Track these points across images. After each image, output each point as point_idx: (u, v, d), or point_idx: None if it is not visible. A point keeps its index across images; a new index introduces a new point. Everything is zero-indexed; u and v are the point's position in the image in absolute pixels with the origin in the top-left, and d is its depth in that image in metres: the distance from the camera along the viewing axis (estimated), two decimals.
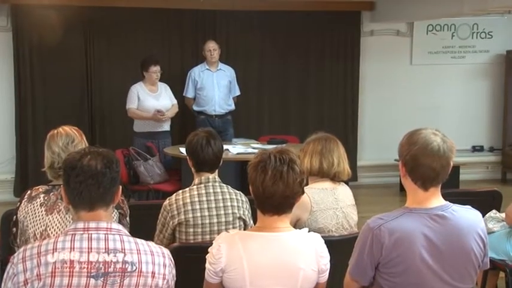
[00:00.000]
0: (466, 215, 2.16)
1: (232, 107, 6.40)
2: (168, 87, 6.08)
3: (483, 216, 2.35)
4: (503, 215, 3.32)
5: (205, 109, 6.25)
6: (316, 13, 7.01)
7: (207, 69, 6.26)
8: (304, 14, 7.00)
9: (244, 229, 2.83)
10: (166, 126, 6.00)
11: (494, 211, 3.43)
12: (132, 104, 5.87)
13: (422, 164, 2.09)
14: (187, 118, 6.53)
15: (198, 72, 6.28)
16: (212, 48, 6.15)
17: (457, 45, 7.63)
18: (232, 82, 6.39)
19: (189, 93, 6.32)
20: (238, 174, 5.05)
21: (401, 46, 7.54)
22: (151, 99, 5.89)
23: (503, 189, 3.98)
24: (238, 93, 6.46)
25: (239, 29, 6.87)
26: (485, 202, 3.42)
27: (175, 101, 6.06)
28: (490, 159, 7.77)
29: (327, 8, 6.96)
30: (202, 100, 6.26)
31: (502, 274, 3.35)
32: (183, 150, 5.19)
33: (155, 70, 5.87)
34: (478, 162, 7.69)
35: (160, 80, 6.03)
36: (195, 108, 6.32)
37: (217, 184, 2.90)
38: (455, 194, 3.12)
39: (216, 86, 6.24)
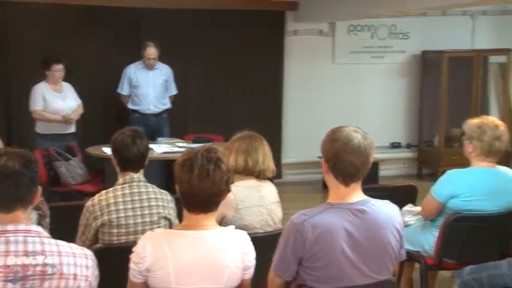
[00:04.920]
0: (384, 209, 2.25)
1: (168, 105, 6.38)
2: (71, 87, 5.82)
3: (400, 209, 2.45)
4: (418, 208, 3.47)
5: (140, 108, 6.22)
6: (241, 12, 7.05)
7: (143, 67, 6.21)
8: (229, 13, 7.02)
9: (170, 228, 2.82)
10: (73, 128, 5.80)
11: (410, 205, 3.57)
12: (37, 106, 5.57)
13: (344, 161, 2.16)
14: (113, 117, 6.45)
15: (133, 70, 6.22)
16: (152, 57, 6.10)
17: (376, 46, 7.89)
18: (169, 81, 6.36)
19: (124, 90, 6.26)
20: (163, 174, 5.01)
21: (324, 46, 7.72)
22: (58, 100, 5.64)
23: (418, 184, 4.16)
24: (175, 92, 6.44)
25: (164, 28, 6.80)
26: (402, 196, 3.55)
27: (80, 101, 5.84)
28: (407, 156, 8.09)
29: (251, 7, 7.02)
30: (137, 98, 6.23)
31: (417, 265, 3.50)
32: (106, 150, 5.10)
33: (58, 68, 5.59)
34: (396, 158, 7.98)
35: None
36: (129, 106, 6.28)
37: (142, 184, 2.86)
38: (374, 189, 3.24)
39: (151, 84, 6.20)
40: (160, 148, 5.46)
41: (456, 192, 3.16)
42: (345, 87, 7.78)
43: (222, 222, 2.85)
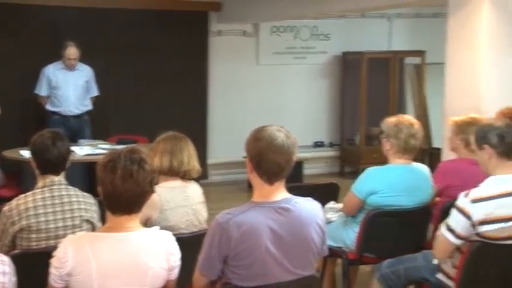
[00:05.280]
0: (307, 207, 2.30)
1: (89, 107, 6.27)
2: None
3: (323, 207, 2.52)
4: (340, 205, 3.58)
5: (60, 109, 6.07)
6: (164, 12, 7.00)
7: (62, 68, 6.04)
8: (153, 13, 6.96)
9: (93, 232, 2.77)
10: None
11: (332, 202, 3.66)
12: None
13: (268, 159, 2.20)
14: (31, 119, 6.23)
15: (53, 71, 6.06)
16: (73, 57, 5.97)
17: (298, 46, 8.04)
18: (90, 82, 6.24)
19: (43, 91, 6.09)
20: (86, 176, 4.90)
21: (248, 46, 7.79)
22: None
23: (340, 181, 4.27)
24: (96, 93, 6.32)
25: (84, 27, 6.65)
26: (324, 194, 3.64)
27: None
28: (330, 154, 8.28)
29: (174, 7, 6.98)
30: (57, 100, 6.08)
31: (339, 260, 3.61)
32: (24, 153, 4.92)
33: None
34: (319, 157, 8.17)
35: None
36: (49, 108, 6.12)
37: (63, 187, 2.79)
38: (298, 187, 3.29)
39: (71, 85, 6.07)
40: (82, 150, 5.33)
41: (375, 188, 3.27)
42: (269, 88, 7.88)
43: (147, 223, 2.83)
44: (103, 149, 5.37)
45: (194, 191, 3.10)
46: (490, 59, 4.27)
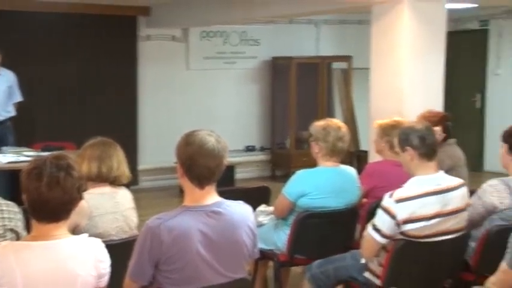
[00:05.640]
0: (238, 210, 2.32)
1: (12, 113, 6.09)
2: None
3: (255, 210, 2.55)
4: (271, 208, 3.62)
5: None
6: (92, 16, 6.87)
7: None
8: (80, 17, 6.80)
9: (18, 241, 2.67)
10: None
11: (264, 205, 3.70)
12: None
13: (199, 164, 2.21)
14: None
15: None
16: None
17: (228, 51, 8.09)
18: (12, 87, 6.05)
19: None
20: (9, 185, 4.75)
21: (178, 51, 7.76)
22: None
23: (272, 185, 4.33)
24: (20, 99, 6.13)
25: (8, 31, 6.41)
26: (256, 198, 3.68)
27: None
28: (261, 158, 8.36)
29: (102, 12, 6.86)
30: None
31: (271, 263, 3.65)
32: None
33: None
34: (251, 161, 8.23)
35: None
36: None
37: None
38: (230, 191, 3.30)
39: None
40: (5, 158, 5.15)
41: (305, 191, 3.34)
42: (199, 93, 7.88)
43: (76, 230, 2.76)
44: (27, 156, 5.20)
45: (124, 197, 3.06)
46: (411, 65, 4.46)
